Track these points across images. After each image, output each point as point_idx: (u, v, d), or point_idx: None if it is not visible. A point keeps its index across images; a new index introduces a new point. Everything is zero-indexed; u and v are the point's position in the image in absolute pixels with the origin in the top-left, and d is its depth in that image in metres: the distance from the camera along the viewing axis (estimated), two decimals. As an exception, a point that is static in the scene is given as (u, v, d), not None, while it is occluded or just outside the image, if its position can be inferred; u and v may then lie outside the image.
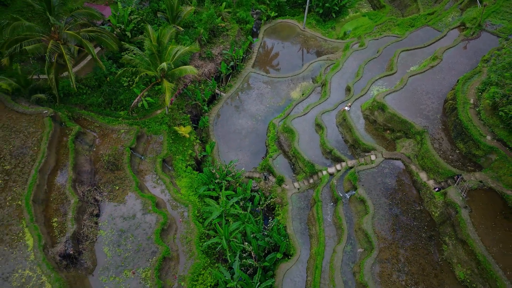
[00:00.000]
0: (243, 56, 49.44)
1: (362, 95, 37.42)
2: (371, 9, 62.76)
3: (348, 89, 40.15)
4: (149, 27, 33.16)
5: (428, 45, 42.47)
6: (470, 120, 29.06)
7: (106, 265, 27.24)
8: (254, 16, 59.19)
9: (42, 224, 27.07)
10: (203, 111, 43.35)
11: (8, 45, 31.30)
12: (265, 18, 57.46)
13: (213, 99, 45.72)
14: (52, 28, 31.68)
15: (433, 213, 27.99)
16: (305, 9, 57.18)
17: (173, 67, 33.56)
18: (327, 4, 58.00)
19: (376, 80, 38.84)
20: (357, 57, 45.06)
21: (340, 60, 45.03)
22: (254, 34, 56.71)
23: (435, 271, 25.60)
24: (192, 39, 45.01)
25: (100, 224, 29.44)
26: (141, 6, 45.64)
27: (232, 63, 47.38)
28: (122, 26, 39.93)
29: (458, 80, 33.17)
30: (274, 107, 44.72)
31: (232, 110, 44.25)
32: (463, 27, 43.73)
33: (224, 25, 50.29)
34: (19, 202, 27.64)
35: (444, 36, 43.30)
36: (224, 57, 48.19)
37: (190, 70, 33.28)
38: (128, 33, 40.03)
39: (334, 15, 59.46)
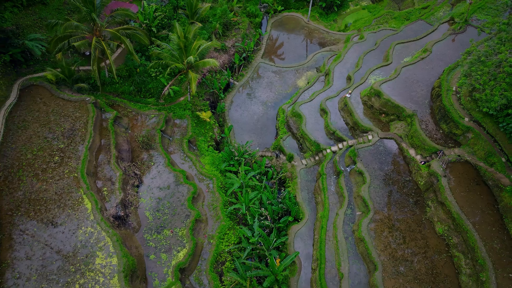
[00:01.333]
0: (253, 48, 54.48)
1: (361, 83, 42.71)
2: (370, 3, 67.46)
3: (349, 78, 45.43)
4: (177, 24, 38.19)
5: (420, 38, 47.60)
6: (451, 105, 34.47)
7: (149, 225, 32.98)
8: (262, 9, 64.03)
9: (95, 192, 32.71)
10: (219, 98, 48.66)
11: (56, 41, 36.55)
12: (272, 12, 62.28)
13: (227, 87, 50.91)
14: (95, 26, 36.75)
15: (419, 182, 33.64)
16: (309, 2, 61.95)
17: (198, 59, 38.75)
18: (329, -1, 62.77)
19: (374, 70, 44.08)
20: (357, 49, 50.17)
21: (341, 52, 50.12)
22: (263, 27, 61.65)
23: (419, 228, 31.37)
24: (209, 33, 50.08)
25: (140, 193, 35.12)
26: (162, 3, 50.52)
27: (244, 55, 52.48)
28: (148, 22, 44.93)
29: (444, 70, 38.43)
30: (282, 94, 49.99)
31: (245, 97, 49.53)
32: (452, 21, 48.78)
33: (236, 19, 55.24)
34: (75, 174, 33.23)
35: (435, 29, 48.40)
36: (237, 49, 53.28)
37: (212, 62, 38.49)
38: (154, 29, 45.09)
39: (336, 9, 64.20)
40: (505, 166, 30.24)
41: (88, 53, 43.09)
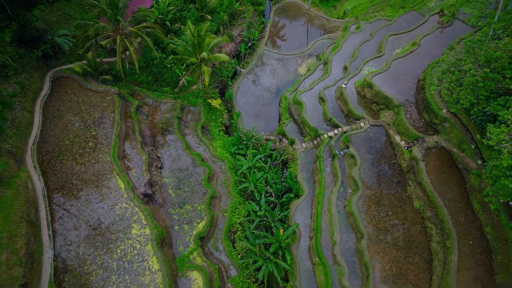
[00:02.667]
0: (258, 37, 58.71)
1: (355, 74, 47.52)
2: (369, -12, 70.60)
3: (345, 68, 50.14)
4: (189, 23, 42.59)
5: (412, 30, 51.81)
6: (433, 97, 39.57)
7: (172, 201, 38.95)
8: (265, -4, 67.51)
9: (126, 174, 38.44)
10: (227, 85, 53.51)
11: (84, 39, 41.23)
12: (275, 1, 65.83)
13: (234, 74, 55.58)
14: (119, 26, 41.20)
15: (402, 164, 39.31)
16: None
17: (210, 54, 43.40)
18: (329, -15, 66.13)
19: (368, 61, 48.71)
20: (353, 39, 54.46)
21: (339, 42, 54.44)
22: (266, 15, 65.41)
23: (400, 203, 37.35)
24: (217, 24, 54.24)
25: (163, 174, 40.87)
26: (174, -5, 54.29)
27: (249, 44, 56.84)
28: (163, 17, 49.12)
29: (428, 65, 43.21)
30: (284, 81, 54.77)
31: (250, 83, 54.33)
32: (442, 13, 52.82)
33: (241, 8, 59.09)
34: (108, 158, 38.83)
35: (426, 21, 52.52)
36: (243, 38, 57.55)
37: (223, 57, 43.18)
38: (168, 23, 49.33)
39: (335, -4, 67.65)
40: (474, 153, 35.75)
41: (109, 46, 47.56)
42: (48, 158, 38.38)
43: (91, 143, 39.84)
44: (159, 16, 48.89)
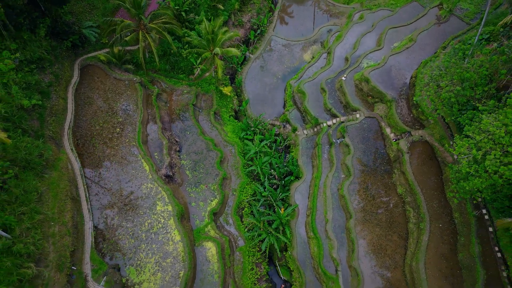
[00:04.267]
0: (267, 24, 62.28)
1: (355, 68, 51.84)
2: (376, -29, 72.44)
3: (346, 59, 54.33)
4: (205, 19, 46.66)
5: (411, 23, 55.28)
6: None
7: (189, 181, 45.20)
8: (275, -22, 70.03)
9: (149, 157, 44.46)
10: (237, 71, 58.07)
11: (109, 33, 45.82)
12: (284, -16, 68.45)
13: (244, 60, 59.93)
14: (141, 23, 45.47)
15: (390, 154, 44.88)
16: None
17: (223, 49, 47.79)
18: (337, -30, 68.26)
19: (367, 54, 52.80)
20: (356, 29, 57.99)
21: (342, 32, 58.05)
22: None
23: (386, 189, 43.34)
24: (228, 12, 57.87)
25: (181, 157, 46.85)
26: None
27: (258, 31, 60.64)
28: (179, 7, 52.90)
29: (421, 62, 47.44)
30: (290, 67, 59.12)
31: (258, 69, 58.79)
32: (441, 6, 55.93)
33: (251, -6, 62.25)
34: (134, 143, 44.71)
35: (425, 14, 55.81)
36: (252, 24, 61.23)
37: (234, 51, 47.57)
38: (183, 13, 53.14)
39: (342, -21, 69.84)
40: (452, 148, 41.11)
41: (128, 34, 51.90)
42: (82, 141, 44.36)
43: (118, 129, 45.58)
44: (176, 7, 52.67)
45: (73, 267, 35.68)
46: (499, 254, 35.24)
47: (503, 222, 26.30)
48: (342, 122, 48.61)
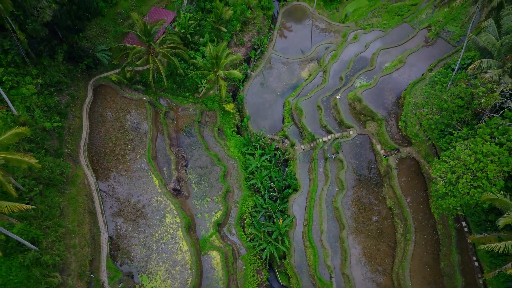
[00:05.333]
0: (266, 44, 66.13)
1: (349, 87, 55.68)
2: (370, -10, 76.43)
3: (341, 78, 58.18)
4: (209, 44, 50.47)
5: (401, 44, 59.18)
6: (408, 115, 48.08)
7: (195, 194, 48.97)
8: (274, -3, 74.09)
9: (159, 172, 48.26)
10: (239, 88, 61.91)
11: (121, 57, 49.62)
12: (283, 3, 72.37)
13: (245, 77, 63.74)
14: (150, 48, 49.29)
15: (380, 169, 48.70)
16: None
17: (226, 71, 51.62)
18: (333, -11, 72.32)
19: (360, 74, 56.66)
20: (350, 49, 61.88)
21: (338, 51, 61.91)
22: (274, 14, 72.22)
23: (376, 201, 47.15)
24: (230, 33, 61.73)
25: (188, 171, 50.64)
26: (192, 5, 61.48)
27: (259, 50, 64.50)
28: (184, 31, 56.76)
29: (409, 84, 51.27)
30: (289, 84, 62.93)
31: (259, 86, 62.58)
32: (429, 28, 59.84)
33: (252, 16, 66.10)
34: (144, 159, 48.52)
35: (415, 35, 59.72)
36: (252, 43, 65.07)
37: (236, 74, 51.38)
38: (189, 36, 57.03)
39: (338, -1, 73.91)
40: (436, 165, 44.92)
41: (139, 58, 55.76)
42: (97, 158, 48.17)
43: (129, 146, 49.39)
44: (182, 30, 56.52)
45: (91, 275, 39.48)
46: (476, 263, 39.07)
47: (474, 237, 30.01)
48: (337, 138, 52.42)
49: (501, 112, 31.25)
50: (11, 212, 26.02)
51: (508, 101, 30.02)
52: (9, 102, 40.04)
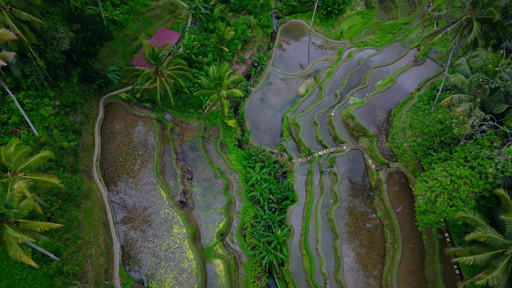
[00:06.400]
0: (266, 61, 69.96)
1: (343, 104, 59.52)
2: (365, 7, 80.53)
3: (336, 95, 62.04)
4: (213, 66, 54.25)
5: (393, 63, 63.05)
6: (397, 133, 51.95)
7: (199, 206, 52.75)
8: (273, 15, 78.06)
9: (166, 185, 52.06)
10: (240, 104, 65.72)
11: (131, 77, 53.45)
12: (282, 21, 76.29)
13: (245, 93, 67.53)
14: (158, 70, 53.11)
15: (372, 183, 52.51)
16: (313, 9, 75.56)
17: (228, 90, 55.43)
18: (329, 8, 76.27)
19: (353, 92, 60.51)
20: (345, 67, 65.74)
21: (333, 69, 65.74)
22: (274, 32, 76.11)
23: (368, 213, 50.95)
24: (232, 52, 65.57)
25: (192, 184, 54.44)
26: (195, 26, 65.33)
27: (259, 68, 68.35)
28: (189, 51, 60.59)
29: (399, 102, 55.11)
30: (287, 99, 66.74)
31: (259, 102, 66.38)
32: (419, 47, 63.74)
33: (253, 34, 69.95)
34: (152, 173, 52.30)
35: (405, 55, 63.60)
36: (253, 61, 68.92)
37: (238, 93, 55.18)
38: (193, 56, 60.86)
39: (334, 16, 77.80)
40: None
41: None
42: (109, 172, 51.96)
43: (139, 161, 53.20)
44: (187, 51, 60.36)
45: (106, 282, 43.24)
46: (457, 271, 42.89)
47: (450, 250, 33.77)
48: (332, 152, 56.25)
49: (474, 138, 35.05)
50: (43, 231, 29.80)
51: (478, 132, 33.85)
52: (30, 124, 43.86)
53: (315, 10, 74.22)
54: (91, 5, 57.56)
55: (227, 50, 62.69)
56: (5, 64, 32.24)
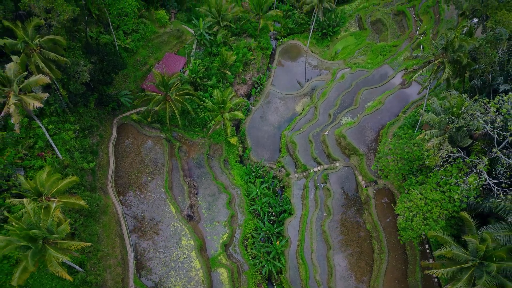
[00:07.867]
0: (265, 82, 75.32)
1: (336, 124, 64.83)
2: (358, 29, 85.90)
3: (329, 115, 67.35)
4: (217, 91, 59.51)
5: (382, 85, 68.39)
6: (385, 152, 57.20)
7: (205, 219, 58.00)
8: (272, 36, 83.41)
9: (175, 200, 57.31)
10: (241, 122, 71.00)
11: (143, 102, 58.74)
12: (280, 43, 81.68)
13: (246, 112, 72.82)
14: (167, 95, 58.37)
15: (361, 197, 57.79)
16: (309, 31, 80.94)
17: (231, 112, 60.69)
18: (324, 30, 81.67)
19: (345, 112, 65.83)
20: (338, 87, 71.08)
21: (327, 90, 71.06)
22: (273, 53, 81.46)
23: (357, 225, 56.22)
24: (234, 75, 70.89)
25: (198, 199, 59.69)
26: (199, 51, 70.65)
27: (259, 88, 73.68)
28: (195, 75, 65.87)
29: (386, 124, 60.40)
30: (285, 118, 72.08)
31: (259, 120, 71.72)
32: (406, 70, 69.03)
33: (253, 57, 75.29)
34: (162, 189, 57.54)
35: (393, 77, 68.95)
36: (253, 82, 74.23)
37: (239, 115, 60.47)
38: (198, 79, 66.14)
39: (329, 38, 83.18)
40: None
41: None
42: (122, 188, 57.21)
43: (150, 178, 58.47)
44: (193, 75, 65.64)
45: (122, 289, 48.45)
46: (436, 280, 48.18)
47: (424, 263, 38.98)
48: (325, 169, 61.54)
49: (444, 167, 40.38)
50: (76, 250, 35.00)
51: (445, 163, 39.17)
52: (55, 148, 49.10)
53: (311, 32, 79.62)
54: (104, 33, 62.81)
55: (229, 73, 67.97)
56: (41, 106, 37.38)
